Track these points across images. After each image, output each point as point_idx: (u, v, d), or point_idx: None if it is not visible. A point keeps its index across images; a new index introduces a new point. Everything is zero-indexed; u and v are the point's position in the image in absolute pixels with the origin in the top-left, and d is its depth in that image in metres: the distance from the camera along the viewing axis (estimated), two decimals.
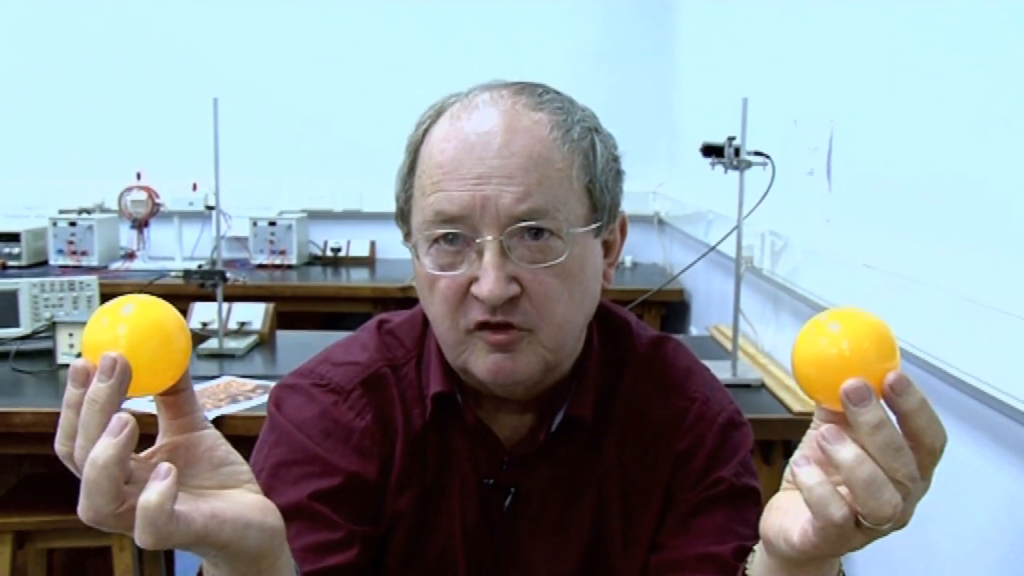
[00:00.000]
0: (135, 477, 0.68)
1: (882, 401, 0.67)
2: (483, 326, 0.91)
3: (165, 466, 0.67)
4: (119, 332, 0.69)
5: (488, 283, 0.88)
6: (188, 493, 0.70)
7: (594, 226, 0.95)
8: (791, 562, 0.75)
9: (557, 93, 0.98)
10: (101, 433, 0.66)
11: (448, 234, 0.91)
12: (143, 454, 0.73)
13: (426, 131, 0.96)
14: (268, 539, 0.75)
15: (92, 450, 0.65)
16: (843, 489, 0.67)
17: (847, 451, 0.67)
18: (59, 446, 0.69)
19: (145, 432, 0.68)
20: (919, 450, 0.68)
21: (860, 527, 0.67)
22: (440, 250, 0.92)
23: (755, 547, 0.84)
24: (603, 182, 0.96)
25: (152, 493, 0.65)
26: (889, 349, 0.69)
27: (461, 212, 0.89)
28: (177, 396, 0.73)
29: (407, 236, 0.98)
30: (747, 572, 0.85)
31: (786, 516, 0.73)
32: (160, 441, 0.74)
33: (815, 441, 0.69)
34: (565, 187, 0.92)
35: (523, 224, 0.89)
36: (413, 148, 0.97)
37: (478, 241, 0.90)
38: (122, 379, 0.67)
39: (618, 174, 0.99)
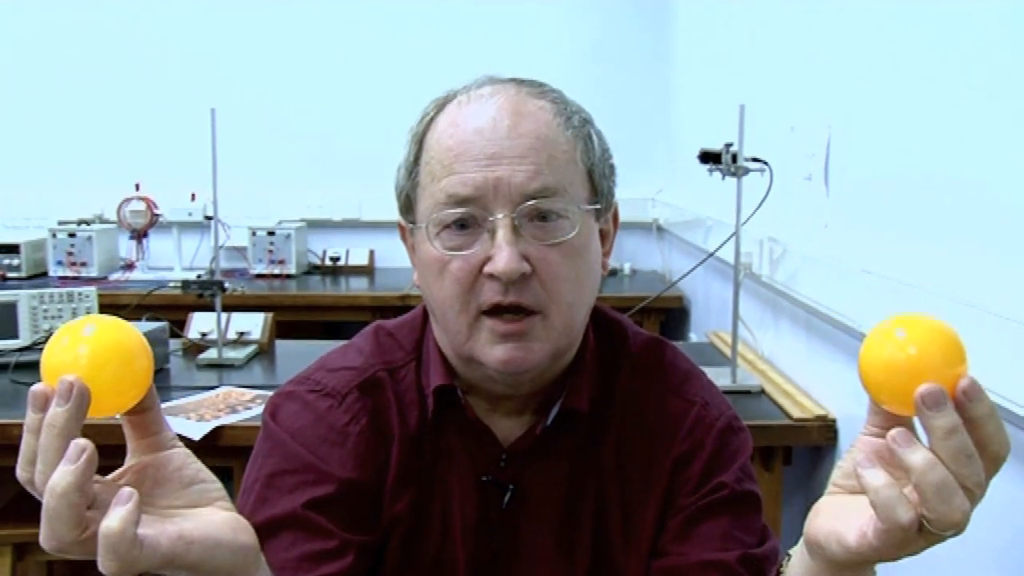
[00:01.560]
0: (99, 502, 0.67)
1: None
2: (494, 310, 0.92)
3: (127, 491, 0.66)
4: (79, 353, 0.68)
5: (503, 259, 0.89)
6: (155, 515, 0.70)
7: (596, 207, 0.97)
8: (838, 565, 0.75)
9: (553, 87, 1.01)
10: (58, 458, 0.65)
11: (460, 216, 0.92)
12: (110, 476, 0.72)
13: (431, 121, 0.98)
14: (241, 558, 0.75)
15: (51, 478, 0.64)
16: (908, 493, 0.67)
17: (919, 455, 0.67)
18: (20, 472, 0.68)
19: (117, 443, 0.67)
20: (984, 457, 0.68)
21: (923, 532, 0.67)
22: (451, 233, 0.93)
23: (791, 551, 0.84)
24: (601, 169, 0.99)
25: (113, 519, 0.65)
26: (958, 354, 0.69)
27: (475, 193, 0.91)
28: (143, 415, 0.73)
29: (413, 224, 0.98)
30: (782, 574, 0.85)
31: (838, 519, 0.72)
32: (128, 462, 0.73)
33: (877, 445, 0.69)
34: (571, 168, 0.95)
35: (534, 202, 0.91)
36: (418, 138, 0.98)
37: (490, 219, 0.91)
38: (80, 403, 0.66)
39: (611, 167, 1.02)
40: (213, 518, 0.74)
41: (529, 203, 0.91)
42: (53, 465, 0.65)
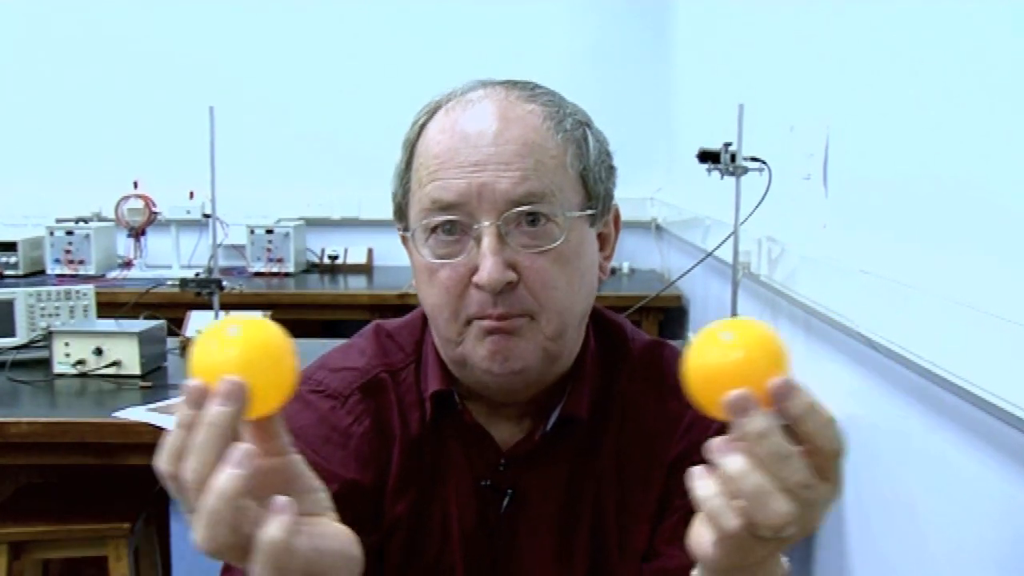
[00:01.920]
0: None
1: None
2: (482, 318, 0.92)
3: (282, 499, 0.67)
4: (230, 353, 0.68)
5: (487, 268, 0.89)
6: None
7: (589, 213, 0.96)
8: (714, 572, 0.74)
9: (547, 89, 1.00)
10: (216, 458, 0.65)
11: (446, 222, 0.92)
12: None
13: (422, 127, 0.98)
14: (355, 568, 0.75)
15: (216, 481, 0.64)
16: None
17: (733, 462, 0.66)
18: (164, 465, 0.67)
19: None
20: (815, 454, 0.68)
21: (759, 537, 0.67)
22: (438, 240, 0.93)
23: None
24: (596, 173, 0.97)
25: (275, 529, 0.65)
26: (776, 357, 0.68)
27: (458, 199, 0.90)
28: (269, 419, 0.72)
29: (405, 231, 0.99)
30: None
31: (703, 527, 0.72)
32: None
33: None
34: (560, 173, 0.93)
35: (520, 209, 0.90)
36: (409, 145, 0.98)
37: (475, 227, 0.90)
38: (243, 405, 0.67)
39: (611, 168, 1.01)
40: (337, 529, 0.74)
41: (515, 209, 0.90)
42: (210, 464, 0.65)
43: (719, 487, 0.68)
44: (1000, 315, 1.04)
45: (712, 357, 0.69)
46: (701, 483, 0.69)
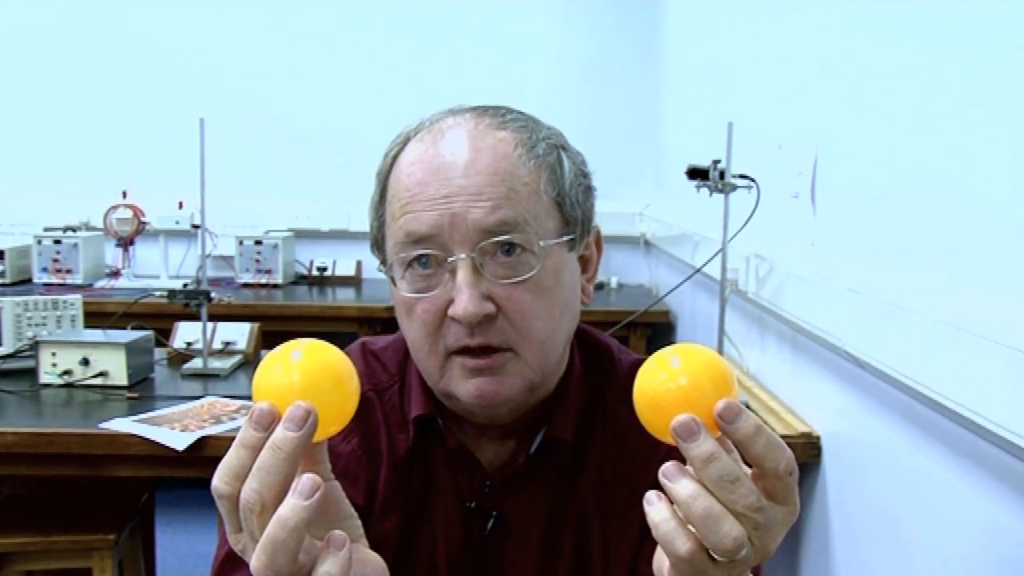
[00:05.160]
0: None
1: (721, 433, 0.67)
2: (462, 351, 0.91)
3: (339, 535, 0.67)
4: (294, 377, 0.69)
5: (463, 301, 0.88)
6: None
7: (567, 239, 0.95)
8: None
9: (521, 113, 0.98)
10: (280, 482, 0.65)
11: (421, 256, 0.91)
12: None
13: (394, 159, 0.96)
14: None
15: (282, 509, 0.65)
16: None
17: (683, 487, 0.67)
18: (221, 484, 0.67)
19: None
20: (765, 477, 0.68)
21: (715, 561, 0.67)
22: (414, 274, 0.92)
23: None
24: (573, 196, 0.96)
25: (333, 566, 0.66)
26: (723, 383, 0.69)
27: (430, 231, 0.89)
28: (317, 445, 0.72)
29: (383, 263, 0.99)
30: None
31: (662, 551, 0.72)
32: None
33: None
34: (534, 200, 0.92)
35: (494, 239, 0.89)
36: (383, 177, 0.97)
37: (450, 260, 0.90)
38: (312, 431, 0.67)
39: (588, 189, 0.99)
40: (372, 557, 0.75)
41: (489, 240, 0.89)
42: (273, 488, 0.65)
43: (670, 511, 0.68)
44: (986, 336, 1.05)
45: (659, 383, 0.70)
46: (653, 508, 0.69)
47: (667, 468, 0.68)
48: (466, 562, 1.01)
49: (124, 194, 3.67)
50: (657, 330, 3.47)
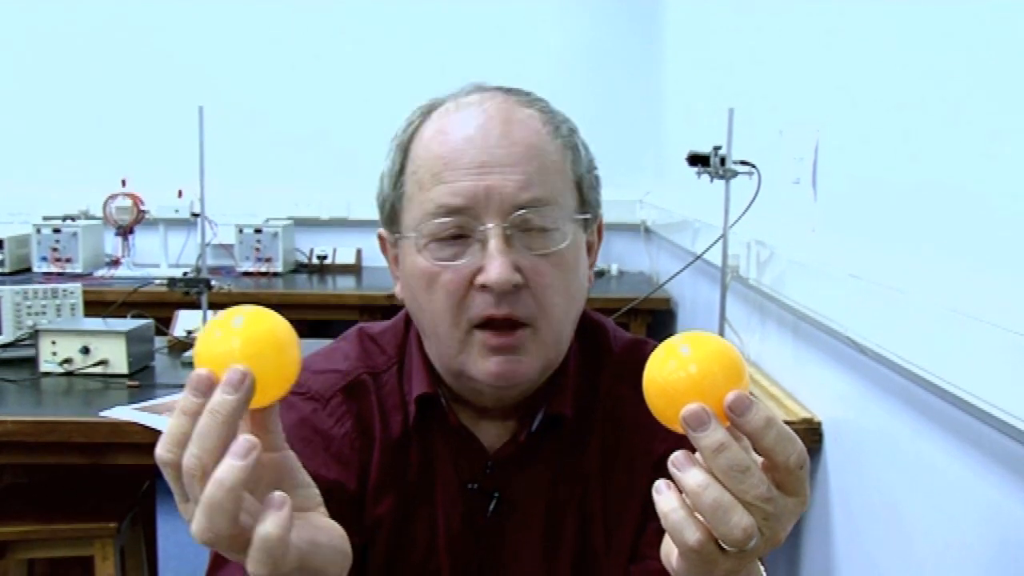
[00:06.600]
0: None
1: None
2: (486, 324, 0.91)
3: (279, 496, 0.67)
4: (234, 344, 0.68)
5: (495, 268, 0.88)
6: None
7: (584, 218, 0.97)
8: None
9: (540, 97, 1.00)
10: (219, 446, 0.65)
11: (451, 228, 0.91)
12: None
13: (416, 129, 0.96)
14: (347, 563, 0.76)
15: (218, 471, 0.64)
16: None
17: (692, 477, 0.67)
18: (164, 452, 0.67)
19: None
20: (775, 469, 0.68)
21: (724, 551, 0.67)
22: (441, 243, 0.91)
23: None
24: (589, 181, 0.98)
25: (271, 525, 0.65)
26: (734, 372, 0.68)
27: (465, 203, 0.90)
28: (267, 412, 0.73)
29: (397, 236, 0.97)
30: None
31: (671, 540, 0.72)
32: None
33: None
34: (560, 179, 0.94)
35: (525, 212, 0.90)
36: (403, 147, 0.96)
37: (481, 229, 0.90)
38: (249, 393, 0.66)
39: (598, 178, 1.01)
40: (327, 523, 0.74)
41: (520, 213, 0.90)
42: (213, 453, 0.65)
43: (679, 501, 0.68)
44: (988, 320, 1.04)
45: (669, 371, 0.69)
46: (662, 497, 0.69)
47: (676, 457, 0.68)
48: (468, 542, 1.01)
49: (123, 183, 3.66)
50: (658, 317, 3.47)
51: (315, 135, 4.05)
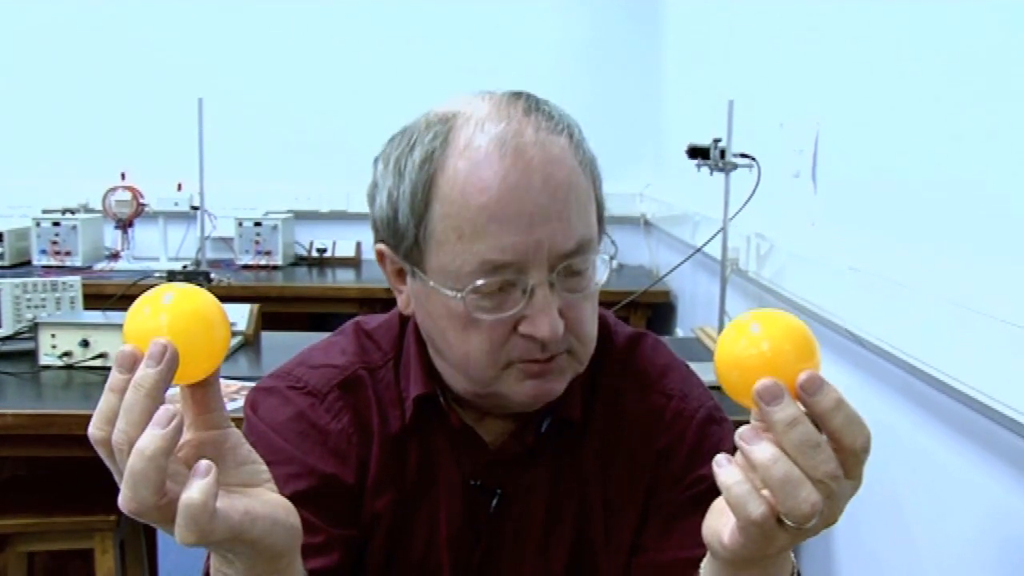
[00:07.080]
0: (170, 472, 0.67)
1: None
2: (528, 362, 0.91)
3: (205, 463, 0.67)
4: (161, 320, 0.69)
5: (545, 326, 0.88)
6: (222, 490, 0.70)
7: (602, 235, 0.97)
8: (729, 563, 0.75)
9: (554, 106, 0.95)
10: (144, 419, 0.65)
11: (498, 284, 0.88)
12: None
13: (438, 156, 0.88)
14: (293, 538, 0.76)
15: (139, 440, 0.65)
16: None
17: (762, 450, 0.67)
18: (95, 430, 0.68)
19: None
20: (841, 451, 0.68)
21: (784, 526, 0.67)
22: (482, 295, 0.89)
23: None
24: (601, 192, 0.97)
25: (195, 491, 0.65)
26: (806, 350, 0.69)
27: (514, 259, 0.87)
28: (207, 389, 0.73)
29: (416, 274, 0.93)
30: None
31: (720, 517, 0.73)
32: (185, 436, 0.72)
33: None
34: (590, 209, 0.93)
35: (569, 261, 0.89)
36: (425, 179, 0.88)
37: (527, 280, 0.88)
38: (171, 366, 0.67)
39: (601, 179, 0.99)
40: (271, 498, 0.75)
41: (564, 263, 0.89)
42: (137, 425, 0.65)
43: (743, 474, 0.68)
44: (989, 313, 1.04)
45: (741, 347, 0.69)
46: (725, 470, 0.69)
47: (744, 432, 0.68)
48: (468, 539, 1.01)
49: (123, 176, 3.66)
50: (658, 310, 3.47)
51: (315, 128, 4.04)
